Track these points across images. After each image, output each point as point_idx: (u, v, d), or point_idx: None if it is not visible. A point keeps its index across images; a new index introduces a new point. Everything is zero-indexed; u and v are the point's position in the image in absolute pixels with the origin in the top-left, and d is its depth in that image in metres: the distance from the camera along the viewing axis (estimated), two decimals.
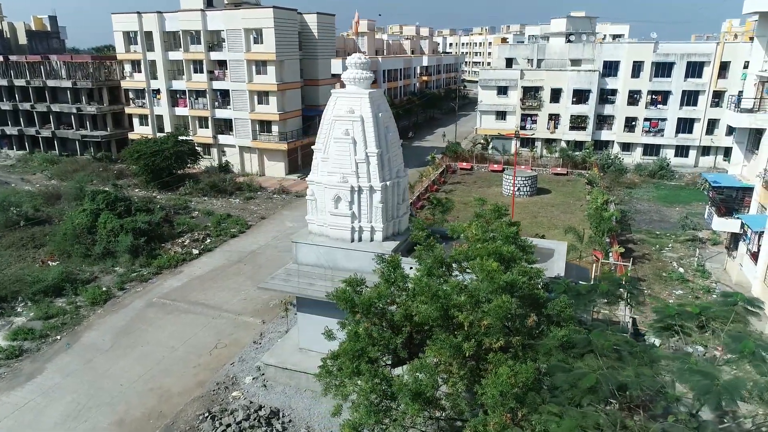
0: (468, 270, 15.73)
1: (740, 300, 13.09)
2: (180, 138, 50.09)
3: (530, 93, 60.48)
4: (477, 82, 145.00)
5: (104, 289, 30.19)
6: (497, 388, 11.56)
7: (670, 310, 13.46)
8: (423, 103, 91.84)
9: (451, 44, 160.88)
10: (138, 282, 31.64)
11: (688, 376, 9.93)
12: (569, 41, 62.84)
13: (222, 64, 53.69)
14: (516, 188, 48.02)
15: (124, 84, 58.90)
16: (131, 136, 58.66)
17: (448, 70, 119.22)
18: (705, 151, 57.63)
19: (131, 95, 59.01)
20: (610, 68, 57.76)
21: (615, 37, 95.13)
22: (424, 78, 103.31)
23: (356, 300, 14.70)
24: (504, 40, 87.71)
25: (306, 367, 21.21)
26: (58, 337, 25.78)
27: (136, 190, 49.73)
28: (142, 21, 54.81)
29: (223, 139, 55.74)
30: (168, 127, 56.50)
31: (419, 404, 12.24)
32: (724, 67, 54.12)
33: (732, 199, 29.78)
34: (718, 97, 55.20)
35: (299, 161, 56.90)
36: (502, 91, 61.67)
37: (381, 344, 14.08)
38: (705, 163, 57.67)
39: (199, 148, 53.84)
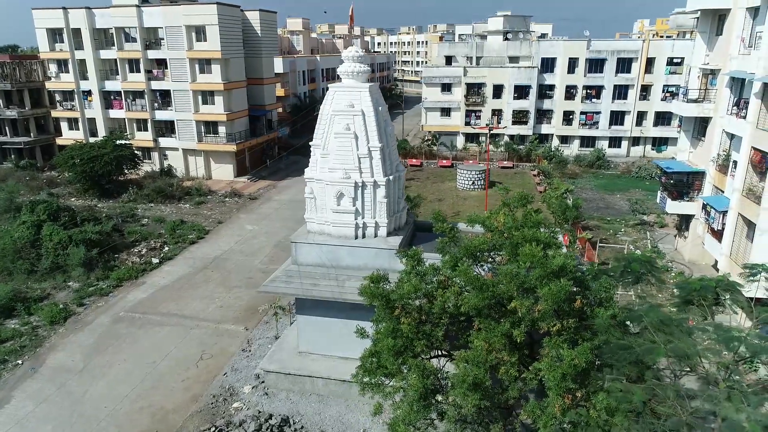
0: (490, 260, 15.90)
1: (722, 281, 14.20)
2: (119, 142, 46.94)
3: (473, 89, 62.02)
4: (406, 81, 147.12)
5: (61, 306, 27.74)
6: (559, 371, 11.73)
7: (694, 285, 14.24)
8: None
9: (379, 44, 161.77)
10: (98, 296, 29.36)
11: (752, 341, 10.53)
12: (507, 39, 64.98)
13: (161, 63, 50.91)
14: (470, 182, 49.16)
15: (50, 85, 54.41)
16: (60, 141, 54.37)
17: (381, 68, 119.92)
18: (635, 141, 61.64)
19: (58, 97, 54.59)
20: (548, 65, 60.36)
21: (542, 35, 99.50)
22: None
23: (392, 296, 14.40)
24: (441, 39, 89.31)
25: (310, 371, 20.61)
26: (20, 362, 23.42)
27: (72, 199, 46.10)
28: (69, 17, 50.85)
29: (164, 142, 52.90)
30: (102, 131, 52.84)
31: (479, 394, 12.18)
32: (650, 63, 58.09)
33: (683, 184, 32.01)
34: (645, 90, 59.20)
35: (247, 163, 55.17)
36: (446, 88, 62.82)
37: (424, 338, 13.88)
38: (636, 153, 61.70)
39: (138, 152, 50.74)
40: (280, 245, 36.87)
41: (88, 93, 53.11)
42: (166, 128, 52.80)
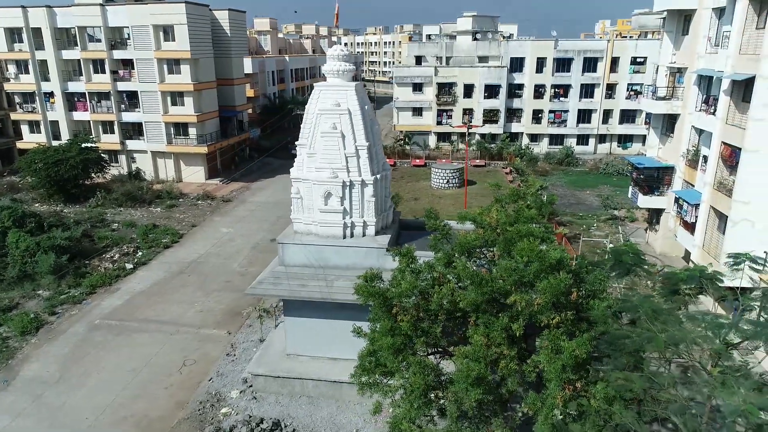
0: (482, 257, 16.05)
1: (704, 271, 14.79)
2: (84, 145, 45.44)
3: (445, 89, 62.51)
4: (374, 81, 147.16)
5: (32, 315, 26.68)
6: (559, 362, 11.93)
7: (681, 275, 14.71)
8: None
9: (346, 44, 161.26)
10: (71, 305, 28.36)
11: (746, 326, 10.93)
12: (476, 39, 65.70)
13: (127, 63, 49.57)
14: (445, 181, 49.54)
15: (8, 87, 52.31)
16: (21, 145, 52.30)
17: None
18: (602, 138, 63.24)
19: (18, 99, 52.51)
20: (517, 64, 61.36)
21: (507, 36, 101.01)
22: None
23: (389, 294, 14.38)
24: (410, 39, 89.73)
25: (300, 373, 20.39)
26: None
27: (36, 205, 44.38)
28: (28, 16, 48.97)
29: (132, 144, 51.53)
30: (65, 134, 51.10)
31: (481, 388, 12.28)
32: (614, 62, 59.70)
33: (653, 179, 33.01)
34: (611, 89, 60.81)
35: (219, 165, 54.26)
36: (418, 87, 63.14)
37: (423, 335, 13.91)
38: (602, 150, 63.31)
39: (105, 156, 49.23)
40: (258, 247, 36.41)
41: (51, 95, 51.28)
42: (134, 130, 51.43)
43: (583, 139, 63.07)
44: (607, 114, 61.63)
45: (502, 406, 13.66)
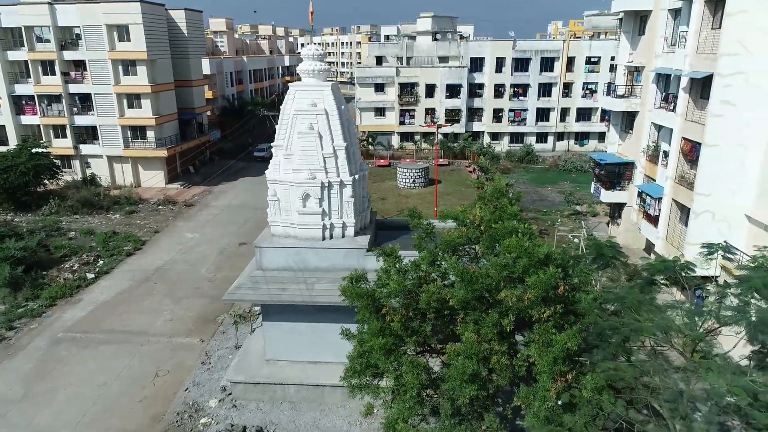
0: (465, 254, 16.17)
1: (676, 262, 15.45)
2: (35, 150, 43.31)
3: (407, 89, 62.82)
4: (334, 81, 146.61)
5: None
6: (550, 355, 12.14)
7: (658, 266, 15.24)
8: None
9: (302, 44, 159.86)
10: (29, 318, 26.99)
11: (732, 315, 11.41)
12: (436, 40, 66.30)
13: (80, 64, 47.55)
14: (411, 180, 49.75)
15: None
16: None
17: None
18: (560, 136, 64.97)
19: None
20: (477, 64, 62.28)
21: (462, 37, 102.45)
22: (287, 78, 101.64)
23: (378, 294, 14.30)
24: (370, 39, 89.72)
25: (281, 378, 20.06)
26: None
27: None
28: None
29: (86, 149, 49.46)
30: (13, 139, 48.56)
31: (476, 384, 12.37)
32: (570, 62, 61.42)
33: (615, 174, 34.12)
34: (567, 88, 62.53)
35: (179, 168, 52.81)
36: (380, 88, 63.20)
37: (414, 334, 13.89)
38: (561, 147, 65.05)
39: (57, 161, 47.14)
40: (225, 252, 35.65)
41: None
42: (88, 134, 49.39)
43: (542, 137, 64.61)
44: (564, 112, 63.36)
45: (493, 401, 13.80)
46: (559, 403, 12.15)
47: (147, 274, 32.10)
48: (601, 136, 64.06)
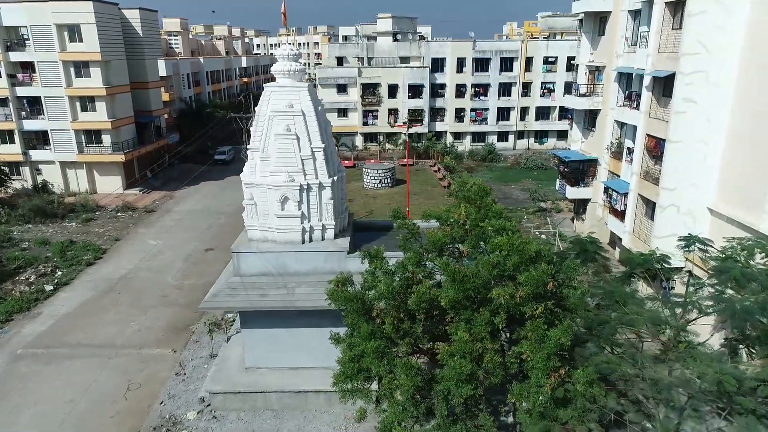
0: (448, 254, 16.17)
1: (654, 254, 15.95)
2: None
3: (369, 90, 62.70)
4: None
5: None
6: (544, 351, 12.26)
7: (638, 259, 15.64)
8: (255, 104, 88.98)
9: (258, 45, 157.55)
10: None
11: (715, 305, 11.79)
12: (396, 40, 66.47)
13: (27, 66, 45.24)
14: (377, 181, 49.70)
15: None
16: None
17: (265, 71, 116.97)
18: (520, 135, 66.28)
19: None
20: (438, 65, 62.78)
21: (422, 37, 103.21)
22: (245, 79, 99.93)
23: (368, 297, 14.12)
24: (330, 40, 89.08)
25: (262, 386, 19.58)
26: None
27: None
28: None
29: (37, 155, 47.11)
30: None
31: (472, 384, 12.36)
32: (529, 62, 62.73)
33: (579, 171, 35.01)
34: (526, 88, 63.84)
35: (137, 173, 51.00)
36: (342, 88, 62.87)
37: (406, 336, 13.78)
38: (521, 146, 66.36)
39: (4, 168, 44.78)
40: (191, 259, 34.63)
41: None
42: (38, 139, 47.06)
43: (503, 136, 65.73)
44: (524, 111, 64.69)
45: (486, 399, 13.83)
46: (555, 397, 12.28)
47: (110, 284, 30.82)
48: (560, 134, 65.80)
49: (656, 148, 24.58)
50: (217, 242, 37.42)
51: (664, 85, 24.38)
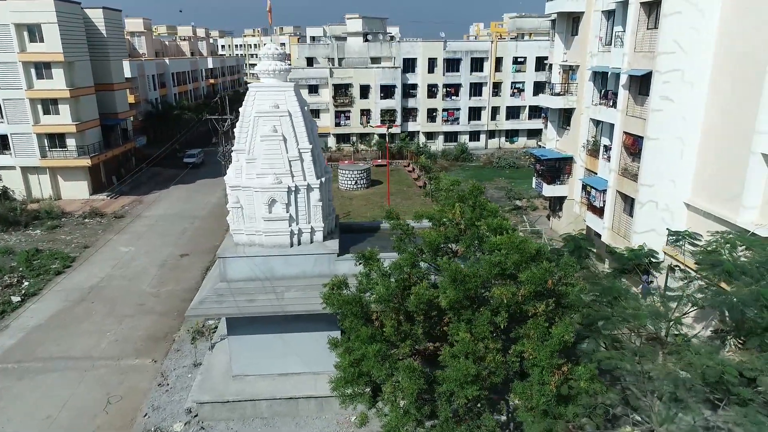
0: (441, 255, 16.07)
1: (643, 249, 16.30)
2: None
3: (341, 90, 62.33)
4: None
5: None
6: (547, 349, 12.27)
7: (629, 255, 15.90)
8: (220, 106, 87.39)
9: (223, 46, 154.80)
10: None
11: (713, 297, 12.02)
12: (367, 40, 66.24)
13: None
14: (353, 182, 49.40)
15: None
16: None
17: (232, 72, 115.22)
18: (491, 134, 66.97)
19: None
20: (409, 65, 62.87)
21: (392, 37, 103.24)
22: (211, 81, 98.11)
23: (366, 300, 13.88)
24: (299, 40, 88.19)
25: (251, 394, 19.10)
26: None
27: None
28: None
29: None
30: None
31: (478, 384, 12.27)
32: (499, 62, 63.45)
33: (555, 169, 35.49)
34: (497, 87, 64.55)
35: (104, 178, 49.35)
36: (314, 89, 62.31)
37: (407, 338, 13.59)
38: (492, 145, 67.06)
39: None
40: (166, 265, 33.66)
41: None
42: None
43: (474, 136, 66.30)
44: (494, 111, 65.37)
45: (488, 399, 13.77)
46: (559, 394, 12.31)
47: (82, 293, 29.64)
48: (530, 133, 66.79)
49: (634, 146, 25.09)
50: (192, 247, 36.50)
51: (641, 84, 24.90)
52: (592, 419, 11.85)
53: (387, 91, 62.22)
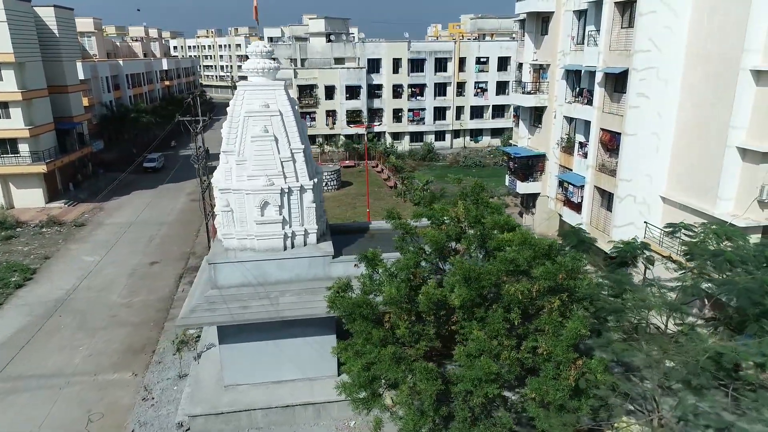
0: (445, 254, 15.95)
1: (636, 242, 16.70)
2: None
3: (306, 91, 61.56)
4: (213, 86, 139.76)
5: None
6: (564, 343, 12.30)
7: (627, 248, 16.19)
8: (179, 108, 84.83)
9: (175, 47, 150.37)
10: None
11: (719, 285, 12.33)
12: (330, 41, 65.69)
13: None
14: (323, 183, 48.70)
15: None
16: None
17: (187, 73, 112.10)
18: (456, 134, 67.60)
19: None
20: (374, 65, 62.73)
21: (355, 39, 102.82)
22: (167, 83, 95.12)
23: (376, 301, 13.58)
24: (272, 40, 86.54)
25: (246, 404, 18.46)
26: None
27: None
28: None
29: None
30: None
31: (498, 383, 12.17)
32: (462, 62, 64.11)
33: (528, 167, 36.05)
34: (461, 87, 65.21)
35: (59, 185, 46.97)
36: None
37: (420, 339, 13.36)
38: (458, 144, 67.71)
39: None
40: (136, 274, 32.27)
41: None
42: None
43: (440, 135, 66.78)
44: (459, 110, 66.03)
45: (502, 398, 13.71)
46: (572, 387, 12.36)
47: (48, 307, 27.98)
48: (494, 132, 67.79)
49: (612, 142, 25.70)
50: (161, 255, 35.15)
51: (616, 82, 25.54)
52: (609, 412, 11.94)
53: (352, 92, 61.87)
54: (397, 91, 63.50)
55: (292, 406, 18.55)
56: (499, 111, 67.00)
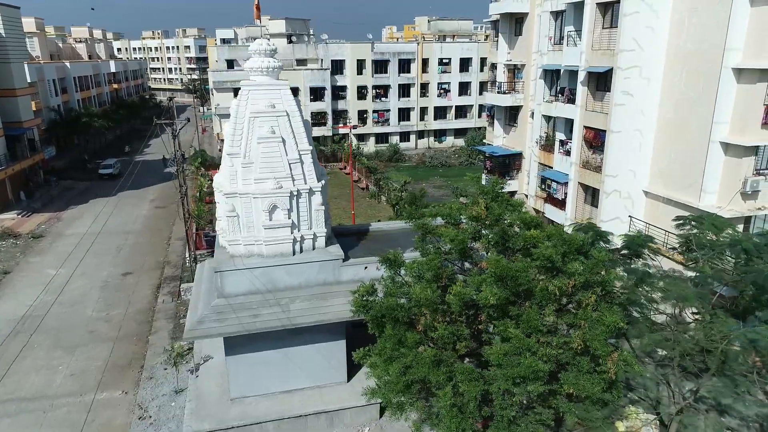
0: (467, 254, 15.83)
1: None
2: None
3: None
4: (161, 89, 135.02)
5: None
6: (602, 336, 12.41)
7: (637, 240, 16.53)
8: (130, 112, 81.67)
9: (119, 49, 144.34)
10: None
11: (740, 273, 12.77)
12: (291, 42, 64.64)
13: None
14: None
15: None
16: None
17: (135, 76, 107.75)
18: (420, 134, 67.95)
19: None
20: (338, 67, 62.18)
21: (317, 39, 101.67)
22: (115, 86, 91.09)
23: (409, 304, 13.29)
24: (225, 41, 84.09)
25: (256, 417, 17.75)
26: None
27: None
28: None
29: None
30: None
31: (541, 381, 12.12)
32: (425, 63, 64.53)
33: (505, 165, 36.57)
34: (424, 88, 65.59)
35: (10, 194, 44.02)
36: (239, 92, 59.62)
37: (460, 340, 13.16)
38: (422, 145, 68.07)
39: None
40: (109, 286, 30.63)
41: None
42: None
43: (405, 136, 66.95)
44: (423, 111, 66.40)
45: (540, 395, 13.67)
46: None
47: (14, 326, 26.03)
48: (457, 133, 68.56)
49: (596, 139, 26.35)
50: (133, 265, 33.49)
51: (598, 80, 26.22)
52: (651, 403, 12.14)
53: (317, 93, 61.12)
54: (361, 93, 63.23)
55: (304, 416, 17.95)
56: (461, 111, 67.83)
